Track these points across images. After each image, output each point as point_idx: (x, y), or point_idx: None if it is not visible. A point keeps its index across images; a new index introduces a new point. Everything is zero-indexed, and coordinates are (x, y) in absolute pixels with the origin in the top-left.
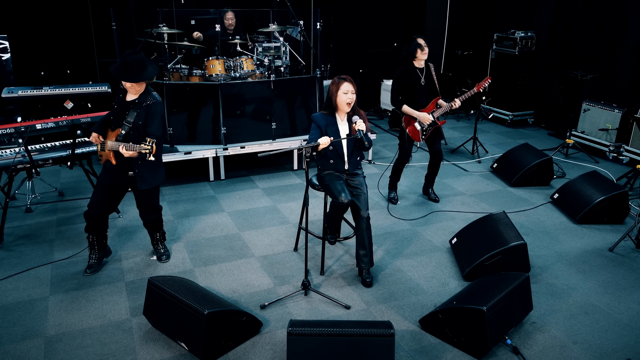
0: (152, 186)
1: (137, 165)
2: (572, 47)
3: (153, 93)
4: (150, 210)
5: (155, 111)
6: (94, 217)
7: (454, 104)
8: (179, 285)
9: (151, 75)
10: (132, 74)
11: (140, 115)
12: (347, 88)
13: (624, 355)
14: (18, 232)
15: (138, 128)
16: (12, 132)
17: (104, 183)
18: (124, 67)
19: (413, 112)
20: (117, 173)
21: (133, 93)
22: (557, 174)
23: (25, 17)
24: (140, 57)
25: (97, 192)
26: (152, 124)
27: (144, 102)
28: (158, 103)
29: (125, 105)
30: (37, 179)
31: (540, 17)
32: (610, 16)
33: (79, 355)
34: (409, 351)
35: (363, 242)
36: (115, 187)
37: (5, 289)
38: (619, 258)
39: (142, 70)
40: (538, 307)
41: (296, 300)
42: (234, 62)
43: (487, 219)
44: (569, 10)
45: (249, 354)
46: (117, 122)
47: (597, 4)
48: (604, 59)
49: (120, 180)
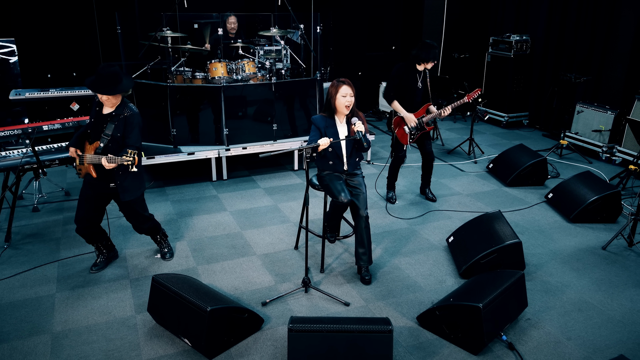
0: (136, 196)
1: (118, 176)
2: (566, 50)
3: (129, 105)
4: (140, 221)
5: (133, 122)
6: (85, 230)
7: (444, 112)
8: (183, 282)
9: (126, 87)
10: (107, 86)
11: (118, 127)
12: (345, 91)
13: (616, 351)
14: (25, 230)
15: (117, 140)
16: (20, 133)
17: (87, 195)
18: (98, 80)
19: (401, 110)
20: (98, 185)
21: (109, 106)
22: (552, 174)
23: (32, 20)
24: (115, 70)
25: (81, 206)
26: (131, 135)
27: (121, 114)
28: (135, 114)
29: (102, 118)
30: (43, 179)
31: (535, 21)
32: (603, 20)
33: (85, 351)
34: (406, 347)
35: (362, 240)
36: (98, 198)
37: (13, 286)
38: (612, 256)
39: (117, 83)
40: (533, 304)
41: (297, 298)
42: (236, 65)
43: (483, 218)
44: (563, 14)
45: (250, 349)
46: (95, 135)
47: (590, 9)
48: (597, 62)
49: (103, 191)
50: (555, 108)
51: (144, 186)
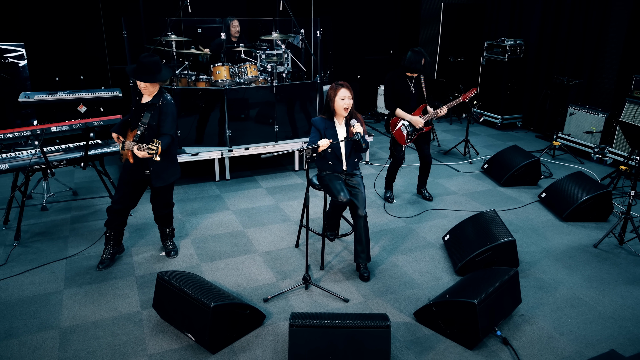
0: (167, 183)
1: (151, 163)
2: (558, 54)
3: (165, 95)
4: (162, 206)
5: (167, 112)
6: (116, 212)
7: (441, 112)
8: (187, 279)
9: (165, 77)
10: (146, 74)
11: (154, 116)
12: (344, 94)
13: (607, 346)
14: (34, 229)
15: (153, 128)
16: (29, 134)
17: (125, 179)
18: (139, 68)
19: (406, 115)
20: (135, 171)
21: (147, 94)
22: (545, 174)
23: (40, 25)
24: (155, 60)
25: (119, 189)
26: (165, 123)
27: (157, 104)
28: (170, 104)
29: (141, 107)
30: (52, 179)
31: (529, 26)
32: (594, 25)
33: (92, 345)
34: (404, 342)
35: (361, 238)
36: (135, 184)
37: (22, 283)
38: (603, 254)
39: (156, 72)
40: (526, 300)
41: (297, 294)
42: (238, 68)
43: (478, 217)
44: (556, 19)
45: (252, 344)
46: (134, 123)
47: (582, 14)
48: (588, 66)
49: (139, 178)
50: (548, 110)
51: (177, 175)
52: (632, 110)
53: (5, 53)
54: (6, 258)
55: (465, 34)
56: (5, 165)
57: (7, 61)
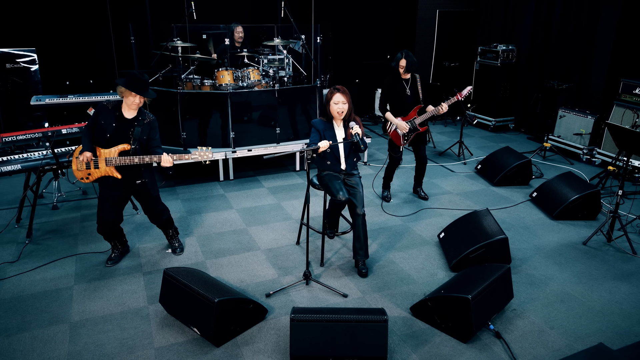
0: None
1: (145, 174)
2: (549, 59)
3: (145, 110)
4: (158, 213)
5: (155, 126)
6: (109, 232)
7: (441, 109)
8: (192, 275)
9: (153, 93)
10: (147, 89)
11: (144, 130)
12: (338, 99)
13: (596, 339)
14: (45, 227)
15: (142, 142)
16: (40, 136)
17: (114, 198)
18: (140, 83)
19: (393, 119)
20: (123, 185)
21: (134, 109)
22: (536, 175)
23: (51, 32)
24: (147, 77)
25: (106, 210)
26: (156, 137)
27: (145, 120)
28: (154, 119)
29: (127, 122)
30: (62, 179)
31: (520, 32)
32: (583, 32)
33: (101, 339)
34: (400, 335)
35: (359, 236)
36: (121, 198)
37: (34, 279)
38: (592, 251)
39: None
40: (518, 295)
41: (298, 289)
42: (241, 72)
43: (472, 215)
44: (547, 26)
45: (255, 338)
46: (119, 138)
47: (572, 21)
48: (577, 70)
49: (129, 189)
50: (539, 113)
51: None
52: (620, 113)
53: (17, 58)
54: (18, 255)
55: (459, 40)
56: (17, 166)
57: (20, 66)
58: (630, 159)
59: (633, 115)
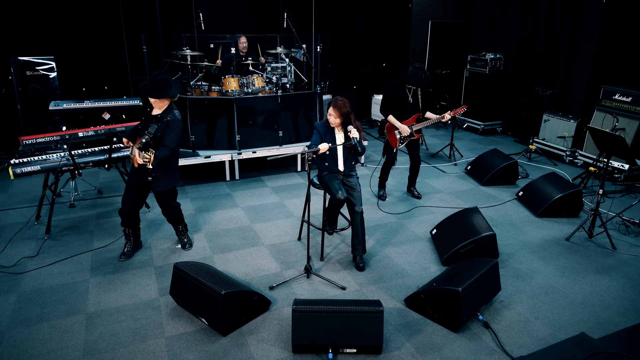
0: (167, 189)
1: (153, 170)
2: (534, 67)
3: (175, 111)
4: (168, 208)
5: (172, 126)
6: (126, 213)
7: (444, 118)
8: (200, 269)
9: (173, 93)
10: (156, 91)
11: (160, 128)
12: (330, 112)
13: (578, 329)
14: (63, 224)
15: (157, 139)
16: (58, 139)
17: (132, 181)
18: (150, 85)
19: (396, 122)
20: (139, 174)
21: (158, 108)
22: (522, 175)
23: (69, 41)
24: (165, 78)
25: (127, 190)
26: (168, 137)
27: (165, 118)
28: (177, 120)
29: (150, 118)
30: (79, 179)
31: (507, 41)
32: (567, 41)
33: (115, 329)
34: (395, 325)
35: (357, 232)
36: (140, 186)
37: (52, 272)
38: (574, 246)
39: (166, 88)
40: (505, 288)
41: (300, 282)
42: (246, 79)
43: (462, 213)
44: (532, 36)
45: (259, 328)
46: (142, 132)
47: (555, 31)
48: (561, 77)
49: (142, 181)
50: (525, 117)
51: (175, 181)
52: (601, 117)
53: (37, 66)
54: (38, 250)
55: (450, 49)
56: (37, 167)
57: (39, 73)
58: (610, 160)
59: (613, 120)
